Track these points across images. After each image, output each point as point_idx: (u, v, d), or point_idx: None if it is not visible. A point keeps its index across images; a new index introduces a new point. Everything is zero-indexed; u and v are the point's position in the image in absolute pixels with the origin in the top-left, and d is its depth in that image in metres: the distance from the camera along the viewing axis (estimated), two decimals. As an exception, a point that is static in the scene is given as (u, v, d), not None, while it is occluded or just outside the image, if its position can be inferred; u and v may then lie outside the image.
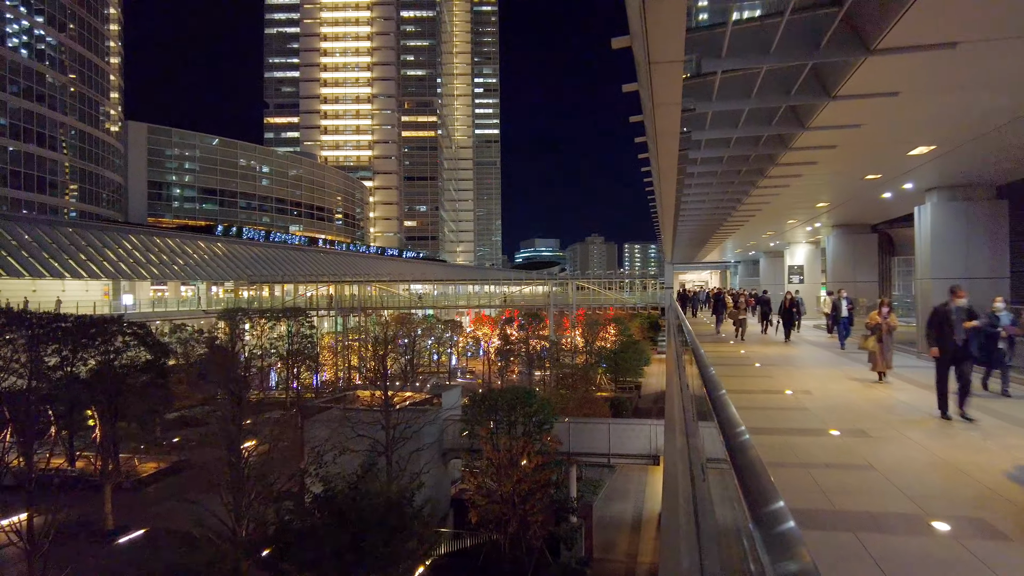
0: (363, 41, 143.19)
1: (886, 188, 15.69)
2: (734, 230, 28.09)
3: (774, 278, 40.41)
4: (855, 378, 12.85)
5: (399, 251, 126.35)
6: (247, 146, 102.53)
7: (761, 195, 17.72)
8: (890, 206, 19.63)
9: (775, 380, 12.68)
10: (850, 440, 8.19)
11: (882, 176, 13.97)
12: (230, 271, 75.51)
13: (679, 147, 13.08)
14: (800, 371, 14.26)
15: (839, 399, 10.57)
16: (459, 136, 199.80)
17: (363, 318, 73.13)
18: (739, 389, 11.56)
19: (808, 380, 12.74)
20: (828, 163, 12.87)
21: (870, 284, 24.69)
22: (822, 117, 10.67)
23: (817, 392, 11.17)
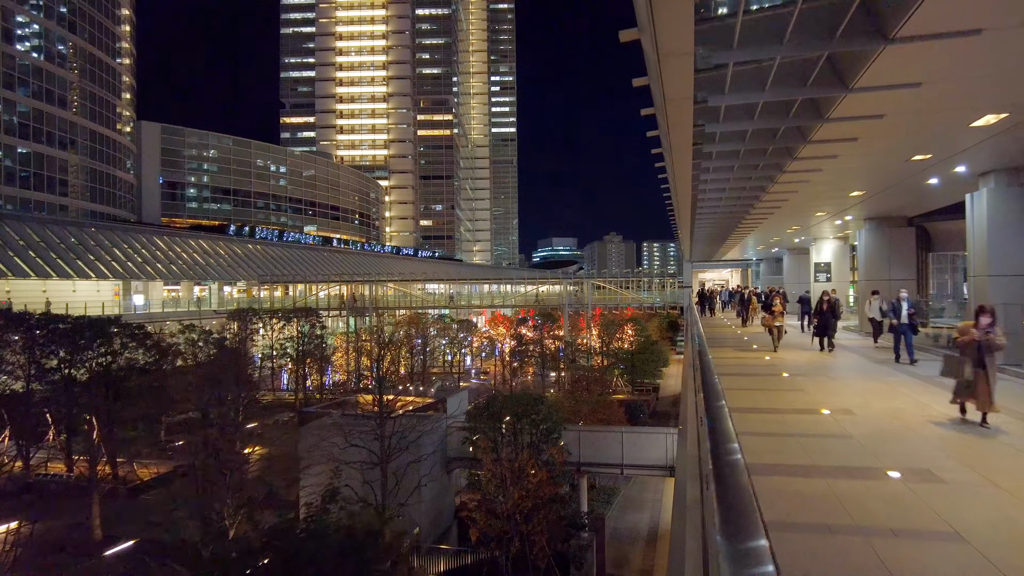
0: (378, 40, 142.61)
1: (935, 172, 13.76)
2: (756, 225, 26.15)
3: (798, 276, 38.34)
4: (913, 398, 10.68)
5: (414, 250, 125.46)
6: (261, 145, 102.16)
7: (786, 185, 15.90)
8: (933, 195, 17.66)
9: (807, 396, 10.90)
10: (917, 487, 6.26)
11: (932, 157, 12.08)
12: (242, 271, 74.97)
13: (693, 141, 12.75)
14: (836, 384, 12.46)
15: (889, 423, 8.67)
16: (475, 135, 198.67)
17: (375, 318, 71.99)
18: (764, 407, 9.85)
19: (847, 396, 10.95)
20: (869, 141, 11.05)
21: (906, 283, 22.60)
22: (869, 75, 8.75)
23: (860, 412, 9.40)
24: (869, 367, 15.10)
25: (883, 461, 7.11)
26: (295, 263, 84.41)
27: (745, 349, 19.56)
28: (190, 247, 70.37)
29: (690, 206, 25.39)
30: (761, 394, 11.03)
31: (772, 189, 16.19)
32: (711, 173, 17.67)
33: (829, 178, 14.79)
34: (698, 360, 9.46)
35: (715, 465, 2.86)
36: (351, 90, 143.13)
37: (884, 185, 15.73)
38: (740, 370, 14.57)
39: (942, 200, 19.59)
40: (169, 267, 65.59)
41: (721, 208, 23.05)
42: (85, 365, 33.04)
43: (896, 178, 14.67)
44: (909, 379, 12.56)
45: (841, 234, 30.67)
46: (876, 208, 21.22)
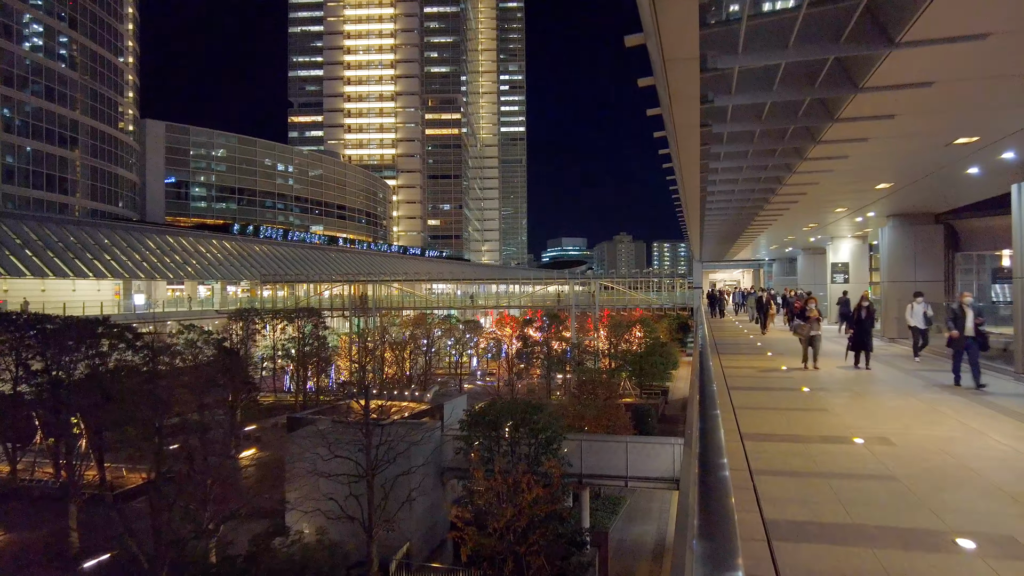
0: (387, 38, 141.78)
1: (978, 159, 12.15)
2: (769, 223, 24.55)
3: (813, 277, 36.64)
4: (961, 422, 8.88)
5: (422, 250, 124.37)
6: (267, 144, 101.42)
7: (805, 175, 14.36)
8: (969, 187, 16.04)
9: (833, 417, 9.41)
10: (1006, 570, 4.56)
11: (980, 140, 10.52)
12: (245, 271, 74.11)
13: (701, 142, 12.72)
14: (864, 402, 10.78)
15: (940, 459, 7.00)
16: (484, 134, 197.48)
17: (379, 319, 70.82)
18: (783, 432, 8.34)
19: (880, 418, 9.35)
20: (907, 120, 9.48)
21: (933, 285, 20.95)
22: (920, 25, 7.25)
23: (900, 440, 7.74)
24: (898, 379, 13.51)
25: (946, 520, 5.49)
26: (299, 263, 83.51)
27: (759, 356, 17.99)
28: (192, 246, 69.57)
29: (699, 206, 23.94)
30: (778, 415, 9.51)
31: (790, 180, 14.67)
32: (719, 174, 17.26)
33: (854, 167, 13.25)
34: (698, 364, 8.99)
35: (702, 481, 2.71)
36: (359, 89, 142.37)
37: (916, 176, 14.10)
38: (754, 382, 13.02)
39: (976, 194, 17.94)
40: (171, 266, 64.73)
41: (732, 205, 21.61)
42: (71, 367, 31.98)
43: (932, 167, 13.05)
44: (950, 396, 10.91)
45: (860, 232, 28.99)
46: (902, 204, 19.59)
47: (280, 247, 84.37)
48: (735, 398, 10.77)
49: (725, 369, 14.59)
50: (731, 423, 8.70)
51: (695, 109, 10.14)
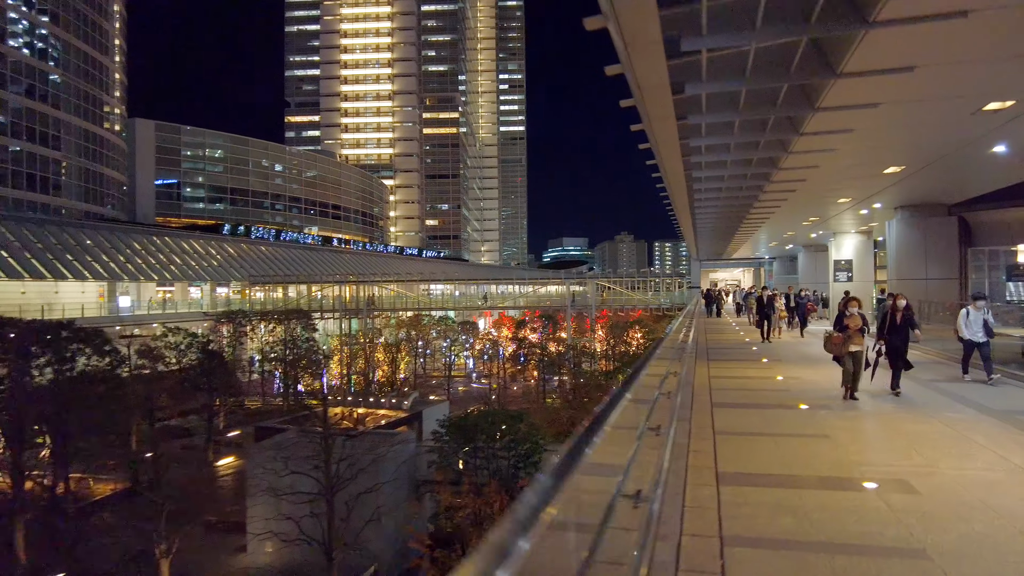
0: (384, 37, 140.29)
1: (1009, 132, 10.27)
2: (767, 215, 22.67)
3: (815, 276, 34.83)
4: (1000, 454, 6.88)
5: (419, 250, 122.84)
6: (260, 143, 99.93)
7: (800, 160, 12.55)
8: (989, 171, 14.20)
9: (837, 449, 7.30)
10: None
11: (1016, 104, 8.68)
12: (235, 271, 72.63)
13: (680, 136, 12.24)
14: (874, 426, 8.85)
15: (983, 517, 5.00)
16: (484, 134, 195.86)
17: (372, 320, 69.17)
18: (773, 472, 6.50)
19: (896, 450, 7.31)
20: (925, 80, 7.63)
21: (946, 282, 19.12)
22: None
23: (924, 485, 5.73)
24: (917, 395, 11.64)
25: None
26: (292, 263, 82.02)
27: (753, 364, 16.14)
28: (181, 247, 68.06)
29: (687, 201, 22.28)
30: (769, 445, 7.66)
31: (785, 163, 12.85)
32: (704, 169, 16.18)
33: (860, 145, 11.46)
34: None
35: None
36: (356, 88, 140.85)
37: (932, 157, 12.26)
38: (743, 398, 11.15)
39: (997, 180, 16.12)
40: (157, 268, 63.18)
41: (722, 195, 19.87)
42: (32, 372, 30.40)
43: (952, 144, 11.19)
44: (978, 416, 9.09)
45: (865, 227, 27.16)
46: (912, 193, 17.77)
47: (272, 248, 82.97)
48: (719, 419, 8.97)
49: (713, 380, 12.75)
50: (706, 457, 6.91)
51: (666, 97, 9.55)
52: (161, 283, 65.74)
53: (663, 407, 5.83)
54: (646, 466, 4.13)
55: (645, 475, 3.97)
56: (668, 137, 12.44)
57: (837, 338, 10.69)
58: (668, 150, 13.61)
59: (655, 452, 4.44)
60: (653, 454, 4.43)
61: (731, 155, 13.87)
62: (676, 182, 17.40)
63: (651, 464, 4.16)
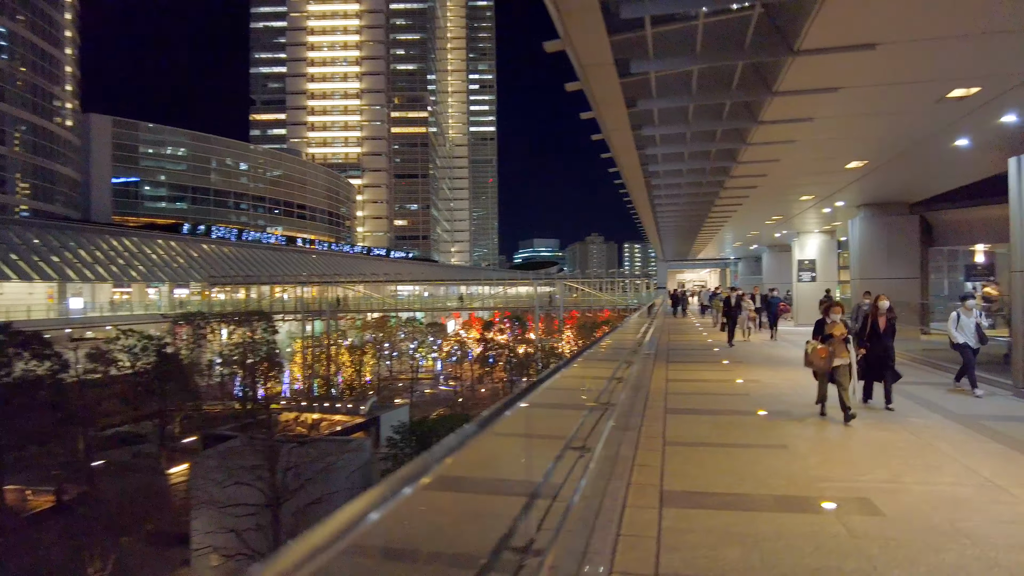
0: (352, 35, 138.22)
1: (972, 124, 9.67)
2: (729, 215, 22.23)
3: (779, 276, 34.68)
4: (968, 466, 6.37)
5: (387, 251, 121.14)
6: (222, 141, 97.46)
7: (761, 152, 12.02)
8: (953, 168, 13.83)
9: (795, 461, 6.63)
10: None
11: (981, 91, 8.09)
12: (195, 272, 70.57)
13: (632, 125, 11.43)
14: (834, 435, 8.16)
15: (957, 544, 4.39)
16: (454, 134, 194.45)
17: (336, 322, 67.70)
18: (724, 489, 5.76)
19: (859, 462, 6.68)
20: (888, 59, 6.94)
21: (909, 282, 18.86)
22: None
23: (889, 505, 5.15)
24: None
25: None
26: (254, 264, 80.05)
27: (713, 366, 15.60)
28: (138, 247, 65.83)
29: (647, 199, 21.75)
30: (721, 457, 6.97)
31: (744, 156, 12.29)
32: (661, 163, 15.44)
33: (821, 135, 10.88)
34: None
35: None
36: (323, 86, 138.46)
37: (894, 150, 11.76)
38: (699, 403, 10.53)
39: (958, 177, 15.83)
40: (111, 268, 60.92)
41: (682, 195, 19.45)
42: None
43: (915, 134, 10.65)
44: (944, 422, 8.54)
45: (828, 227, 26.99)
46: (874, 191, 17.45)
47: (234, 248, 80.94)
48: (671, 427, 8.30)
49: (670, 383, 12.13)
50: (652, 473, 6.21)
51: (612, 76, 8.68)
52: (117, 284, 63.42)
53: (597, 418, 5.12)
54: (560, 495, 3.39)
55: (556, 507, 3.23)
56: (618, 124, 11.62)
57: (823, 351, 8.74)
58: (620, 141, 12.98)
59: (575, 478, 3.70)
60: (572, 481, 3.68)
61: (688, 146, 13.31)
62: (633, 176, 16.81)
63: (565, 495, 3.42)
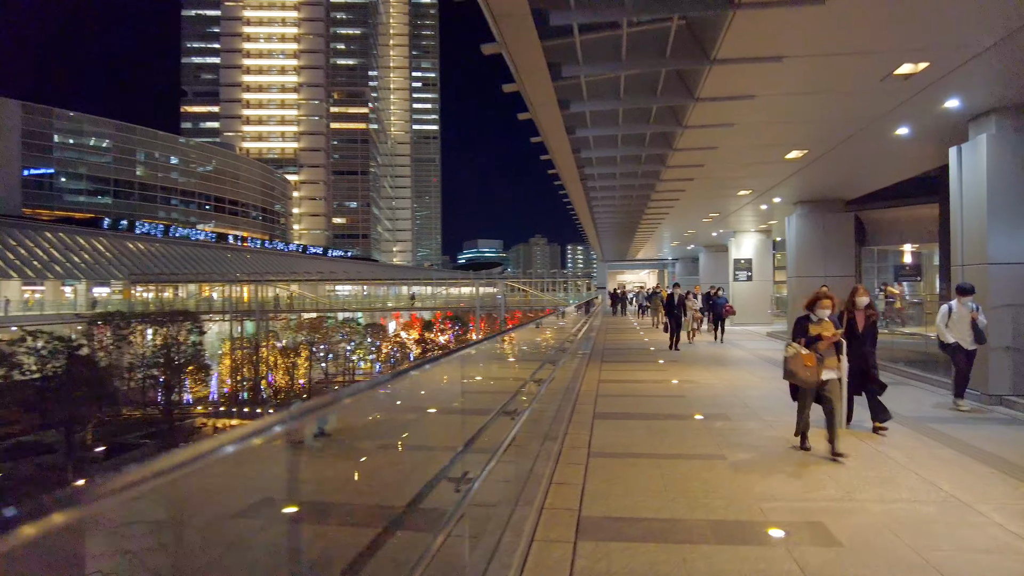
0: (290, 27, 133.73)
1: (915, 109, 9.18)
2: (667, 210, 21.61)
3: (716, 276, 34.65)
4: (929, 481, 5.61)
5: (324, 249, 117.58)
6: (149, 132, 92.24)
7: (698, 137, 11.34)
8: (891, 161, 13.48)
9: (737, 475, 5.75)
10: None
11: (930, 67, 7.38)
12: (115, 269, 66.36)
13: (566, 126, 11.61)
14: (786, 451, 7.03)
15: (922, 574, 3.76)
16: (396, 131, 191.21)
17: (269, 323, 64.89)
18: (652, 514, 4.72)
19: (809, 475, 5.78)
20: (830, 32, 6.37)
21: (844, 280, 18.67)
22: None
23: (845, 530, 4.39)
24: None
25: None
26: (181, 261, 76.09)
27: (649, 366, 14.85)
28: (50, 242, 61.36)
29: (584, 199, 21.14)
30: (652, 471, 6.01)
31: (681, 141, 11.52)
32: (595, 167, 15.68)
33: (760, 121, 10.25)
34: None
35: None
36: (259, 79, 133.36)
37: (835, 139, 11.10)
38: (633, 406, 9.63)
39: (895, 172, 15.61)
40: (18, 264, 56.50)
41: (617, 197, 18.93)
42: None
43: (857, 123, 10.01)
44: (894, 427, 7.93)
45: (764, 225, 26.91)
46: (812, 186, 17.13)
47: (159, 244, 76.75)
48: (599, 435, 7.35)
49: (602, 385, 11.25)
50: (571, 493, 5.21)
51: (538, 56, 8.35)
52: (27, 282, 58.87)
53: (501, 429, 4.07)
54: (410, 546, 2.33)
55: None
56: (554, 124, 11.58)
57: (808, 358, 6.47)
58: (556, 139, 12.74)
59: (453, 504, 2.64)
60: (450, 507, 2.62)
61: (619, 151, 12.99)
62: (570, 177, 16.38)
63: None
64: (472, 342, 4.97)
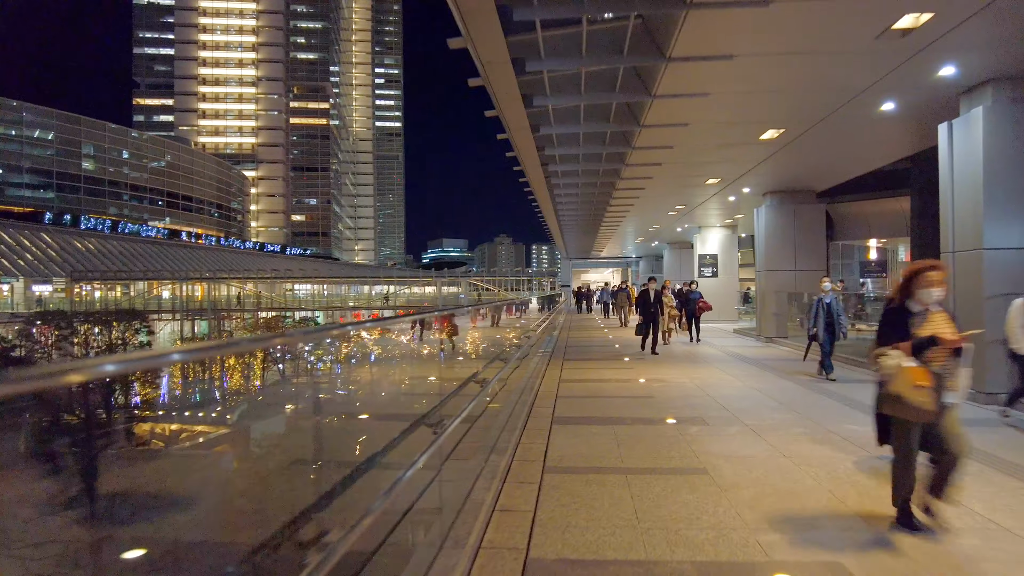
0: (248, 19, 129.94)
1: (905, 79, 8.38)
2: (632, 201, 20.67)
3: (680, 273, 34.01)
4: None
5: (282, 247, 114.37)
6: (96, 124, 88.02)
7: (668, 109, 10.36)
8: (872, 144, 12.70)
9: (717, 493, 4.73)
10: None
11: (934, 17, 6.60)
12: (58, 266, 63.08)
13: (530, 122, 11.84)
14: (775, 446, 6.30)
15: None
16: (358, 128, 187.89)
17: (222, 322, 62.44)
18: (615, 554, 3.81)
19: (814, 497, 4.75)
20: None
21: (814, 273, 17.97)
22: None
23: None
24: (796, 393, 9.72)
25: None
26: (129, 258, 72.91)
27: (614, 363, 13.85)
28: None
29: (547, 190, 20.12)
30: (617, 489, 4.92)
31: (650, 115, 10.49)
32: (559, 163, 15.59)
33: (738, 90, 9.31)
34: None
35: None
36: (216, 72, 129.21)
37: (815, 115, 10.15)
38: (598, 410, 8.53)
39: (864, 162, 14.91)
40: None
41: (580, 183, 17.98)
42: None
43: (841, 95, 9.01)
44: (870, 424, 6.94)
45: (730, 220, 26.25)
46: (783, 175, 16.32)
47: (105, 240, 73.34)
48: (556, 444, 6.25)
49: (563, 385, 10.17)
50: (517, 524, 4.10)
51: (498, 38, 8.17)
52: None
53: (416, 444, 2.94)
54: None
55: None
56: (517, 114, 11.35)
57: (920, 374, 4.07)
58: (517, 127, 12.28)
59: None
60: None
61: (583, 132, 12.11)
62: (533, 170, 15.71)
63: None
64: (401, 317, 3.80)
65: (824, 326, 10.63)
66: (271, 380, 61.82)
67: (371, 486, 2.40)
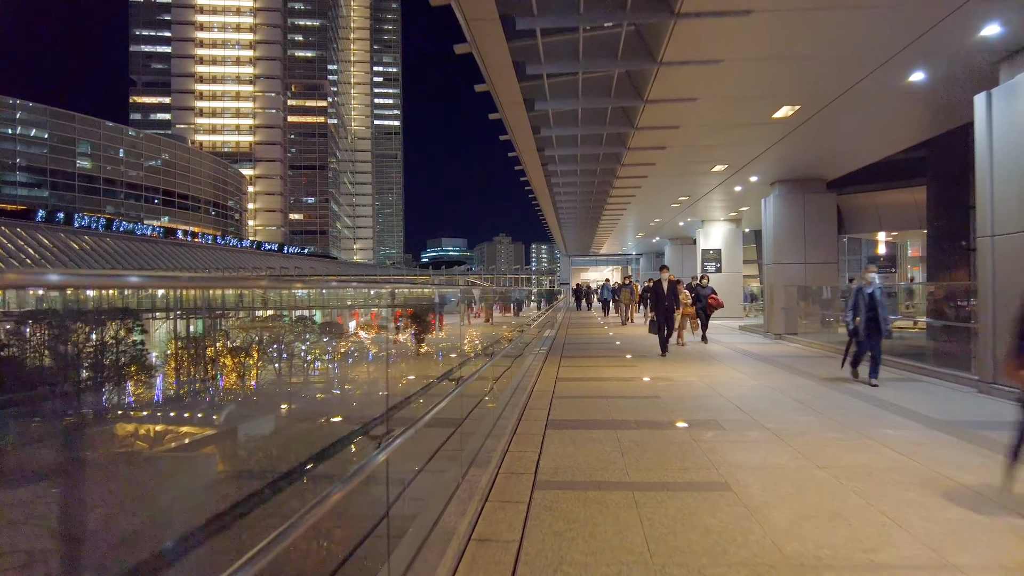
0: (245, 16, 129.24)
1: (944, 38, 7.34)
2: (634, 192, 19.79)
3: (682, 269, 33.17)
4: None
5: (280, 246, 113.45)
6: (91, 121, 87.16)
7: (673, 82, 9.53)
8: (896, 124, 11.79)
9: (743, 513, 3.88)
10: None
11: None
12: (50, 264, 62.36)
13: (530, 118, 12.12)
14: (804, 454, 5.47)
15: None
16: (356, 126, 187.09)
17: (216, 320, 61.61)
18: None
19: (844, 511, 3.98)
20: None
21: (826, 267, 17.11)
22: None
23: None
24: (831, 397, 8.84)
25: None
26: (124, 257, 72.08)
27: (616, 361, 12.98)
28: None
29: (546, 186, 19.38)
30: (623, 510, 4.14)
31: (654, 91, 9.65)
32: (557, 154, 15.41)
33: (752, 58, 8.45)
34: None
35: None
36: (213, 69, 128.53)
37: (835, 90, 9.23)
38: (599, 412, 7.66)
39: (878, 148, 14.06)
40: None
41: (578, 174, 17.21)
42: None
43: (869, 61, 8.08)
44: (926, 432, 6.18)
45: (734, 214, 25.37)
46: (792, 164, 15.46)
47: (99, 239, 72.41)
48: (550, 451, 5.39)
49: (560, 384, 9.32)
50: (501, 553, 3.28)
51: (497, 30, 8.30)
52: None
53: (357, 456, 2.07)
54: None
55: None
56: (515, 104, 11.35)
57: None
58: (518, 122, 12.50)
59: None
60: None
61: (581, 102, 11.36)
62: (533, 166, 15.32)
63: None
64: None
65: (866, 320, 9.14)
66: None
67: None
